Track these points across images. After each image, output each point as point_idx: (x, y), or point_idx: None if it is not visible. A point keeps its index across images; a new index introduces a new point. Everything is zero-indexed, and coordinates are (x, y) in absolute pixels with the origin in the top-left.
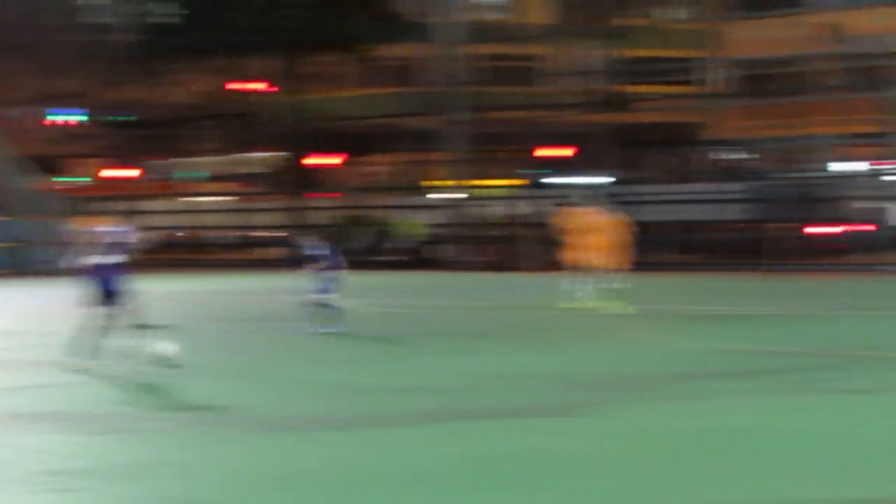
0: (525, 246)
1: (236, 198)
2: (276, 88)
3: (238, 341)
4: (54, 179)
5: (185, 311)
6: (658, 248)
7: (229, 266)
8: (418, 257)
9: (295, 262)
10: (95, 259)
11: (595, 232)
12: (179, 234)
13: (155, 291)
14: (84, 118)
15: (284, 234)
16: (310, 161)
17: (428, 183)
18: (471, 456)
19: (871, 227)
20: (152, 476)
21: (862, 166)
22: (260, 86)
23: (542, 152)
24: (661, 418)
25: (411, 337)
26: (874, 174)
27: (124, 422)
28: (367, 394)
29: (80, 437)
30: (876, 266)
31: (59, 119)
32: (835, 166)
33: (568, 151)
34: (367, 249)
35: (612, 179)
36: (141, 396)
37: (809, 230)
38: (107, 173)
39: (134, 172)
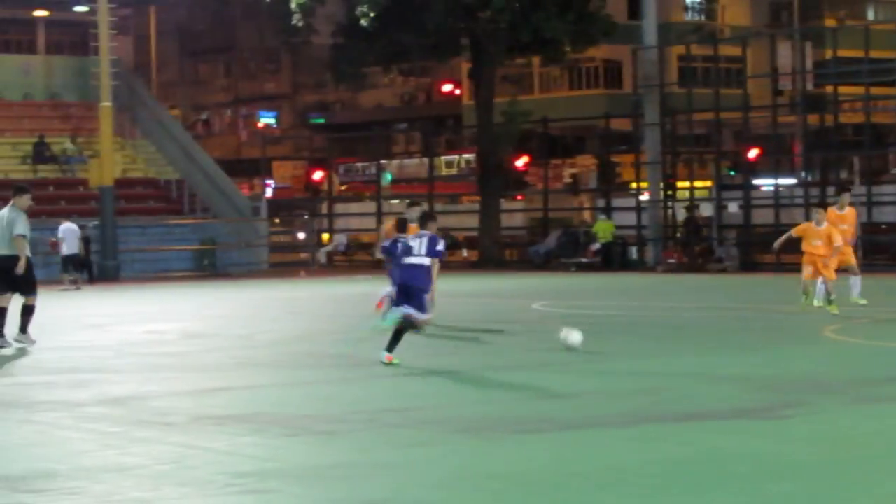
0: (721, 247)
1: (436, 200)
2: (478, 91)
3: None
4: (255, 181)
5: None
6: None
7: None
8: (610, 258)
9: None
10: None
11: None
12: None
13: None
14: (285, 121)
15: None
16: (511, 163)
17: (627, 184)
18: (674, 458)
19: None
20: (347, 477)
21: None
22: (462, 89)
23: (743, 154)
24: (853, 420)
25: (608, 338)
26: None
27: (315, 423)
28: (565, 397)
29: (268, 439)
30: None
31: (263, 122)
32: None
33: (769, 152)
34: (562, 251)
35: (798, 181)
36: (332, 398)
37: None
38: (310, 175)
39: (335, 175)
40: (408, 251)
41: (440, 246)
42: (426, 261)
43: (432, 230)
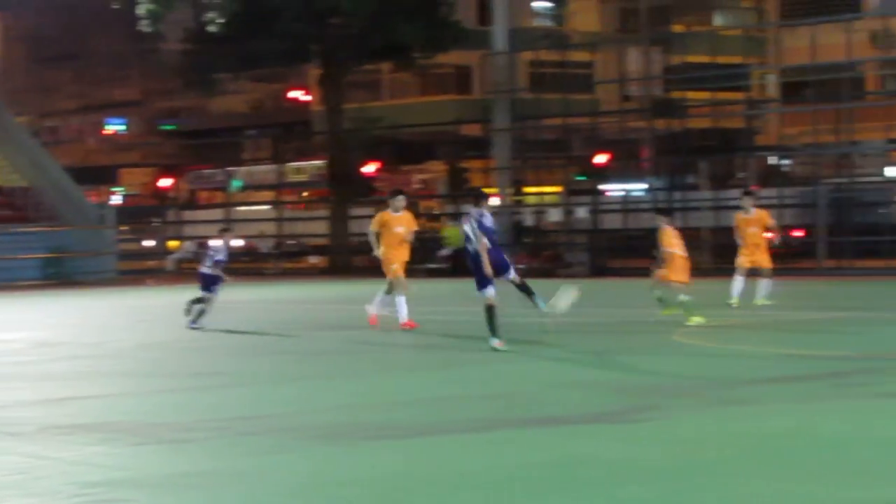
0: (573, 253)
1: (286, 207)
2: (329, 97)
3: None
4: (103, 189)
5: (275, 319)
6: (709, 255)
7: (284, 275)
8: (458, 265)
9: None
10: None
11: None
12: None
13: (241, 300)
14: (134, 128)
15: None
16: (361, 169)
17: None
18: (526, 463)
19: None
20: (199, 486)
21: None
22: (313, 95)
23: (593, 159)
24: (712, 423)
25: (466, 344)
26: None
27: (167, 432)
28: (424, 402)
29: (118, 448)
30: None
31: (111, 128)
32: (887, 172)
33: (620, 158)
34: (412, 256)
35: (662, 186)
36: (183, 407)
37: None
38: (157, 183)
39: (184, 182)
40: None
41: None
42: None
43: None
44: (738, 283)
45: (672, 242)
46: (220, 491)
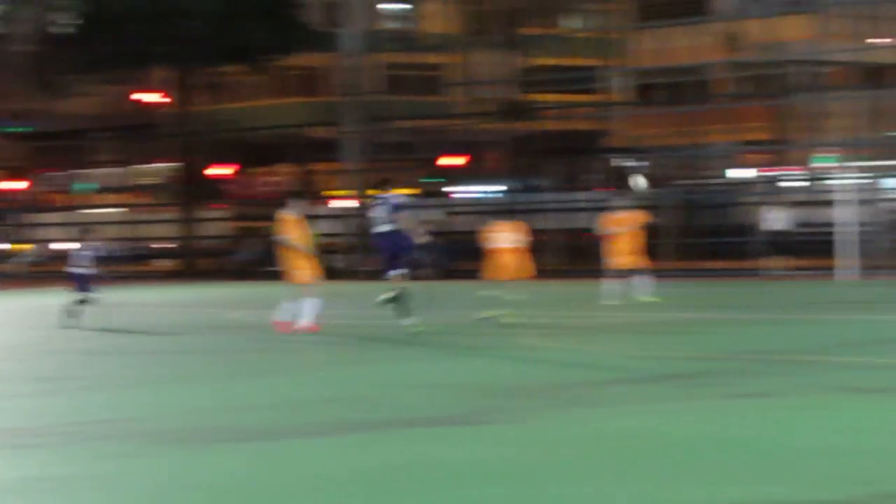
0: (423, 255)
1: (134, 210)
2: (178, 99)
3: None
4: None
5: (128, 322)
6: (557, 256)
7: (132, 278)
8: None
9: None
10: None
11: (511, 241)
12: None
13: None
14: None
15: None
16: (210, 172)
17: (328, 193)
18: (376, 465)
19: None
20: (51, 491)
21: (754, 173)
22: (161, 97)
23: (445, 161)
24: (562, 425)
25: (323, 347)
26: (765, 181)
27: (18, 437)
28: (278, 406)
29: None
30: (761, 271)
31: None
32: (733, 174)
33: (471, 160)
34: (261, 260)
35: (513, 188)
36: (36, 412)
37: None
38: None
39: (29, 185)
40: None
41: None
42: None
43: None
44: (614, 284)
45: (494, 238)
46: (72, 496)
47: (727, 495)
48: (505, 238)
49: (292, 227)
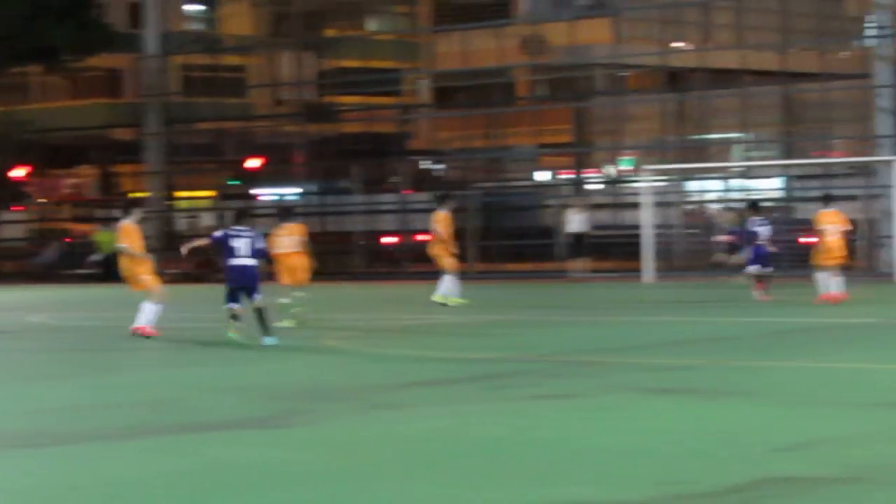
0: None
1: None
2: None
3: None
4: None
5: None
6: (357, 259)
7: None
8: (111, 270)
9: None
10: None
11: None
12: None
13: None
14: None
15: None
16: (11, 174)
17: (130, 195)
18: (177, 469)
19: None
20: None
21: (557, 176)
22: None
23: (246, 163)
24: (364, 427)
25: (112, 351)
26: (567, 183)
27: None
28: (78, 409)
29: None
30: (564, 273)
31: None
32: (536, 176)
33: (274, 162)
34: (61, 262)
35: (311, 190)
36: None
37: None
38: None
39: None
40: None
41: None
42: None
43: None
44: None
45: (280, 244)
46: None
47: (529, 496)
48: (287, 242)
49: (132, 235)
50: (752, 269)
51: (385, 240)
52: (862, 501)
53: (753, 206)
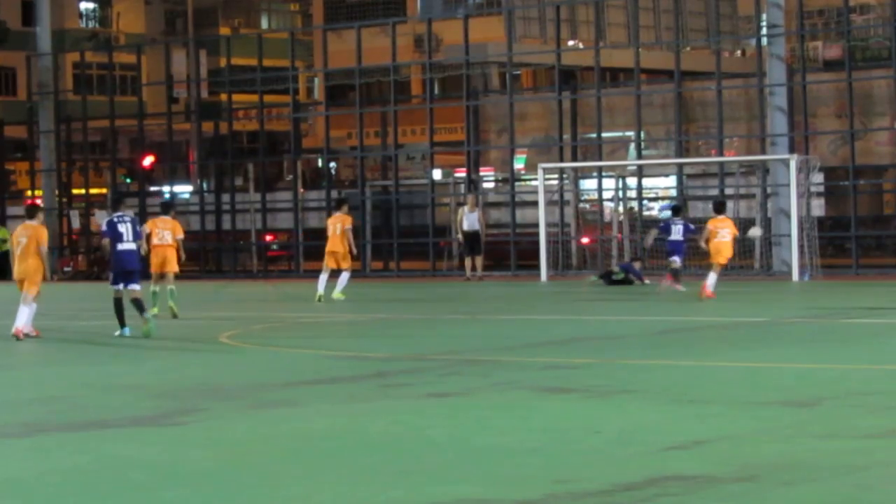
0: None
1: None
2: None
3: None
4: None
5: None
6: (251, 257)
7: None
8: (5, 267)
9: None
10: None
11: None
12: None
13: None
14: None
15: None
16: None
17: (23, 192)
18: (68, 467)
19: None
20: None
21: (449, 174)
22: None
23: (140, 161)
24: (257, 425)
25: (18, 348)
26: (461, 182)
27: None
28: None
29: None
30: (458, 272)
31: None
32: (429, 174)
33: (166, 160)
34: None
35: (205, 188)
36: None
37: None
38: None
39: None
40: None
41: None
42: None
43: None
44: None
45: (160, 237)
46: None
47: (425, 495)
48: (166, 235)
49: (43, 236)
50: (674, 260)
51: (279, 238)
52: (756, 500)
53: (676, 209)
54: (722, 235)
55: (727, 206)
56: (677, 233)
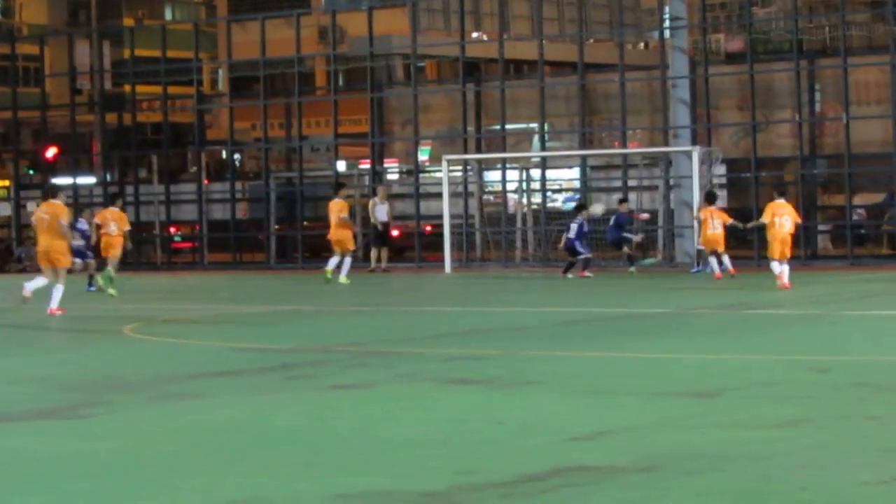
0: (21, 247)
1: None
2: None
3: None
4: None
5: None
6: (155, 249)
7: None
8: None
9: None
10: None
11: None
12: None
13: None
14: None
15: None
16: None
17: None
18: None
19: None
20: None
21: (354, 166)
22: None
23: (43, 153)
24: (161, 417)
25: None
26: (366, 174)
27: None
28: None
29: None
30: (364, 263)
31: None
32: (333, 166)
33: (70, 152)
34: None
35: (109, 179)
36: None
37: None
38: None
39: None
40: None
41: None
42: None
43: None
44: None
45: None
46: None
47: (332, 486)
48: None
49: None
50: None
51: (183, 230)
52: (658, 490)
53: (581, 206)
54: (781, 224)
55: (630, 198)
56: (573, 231)
